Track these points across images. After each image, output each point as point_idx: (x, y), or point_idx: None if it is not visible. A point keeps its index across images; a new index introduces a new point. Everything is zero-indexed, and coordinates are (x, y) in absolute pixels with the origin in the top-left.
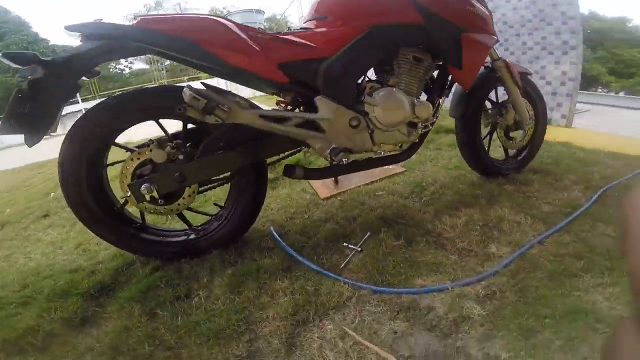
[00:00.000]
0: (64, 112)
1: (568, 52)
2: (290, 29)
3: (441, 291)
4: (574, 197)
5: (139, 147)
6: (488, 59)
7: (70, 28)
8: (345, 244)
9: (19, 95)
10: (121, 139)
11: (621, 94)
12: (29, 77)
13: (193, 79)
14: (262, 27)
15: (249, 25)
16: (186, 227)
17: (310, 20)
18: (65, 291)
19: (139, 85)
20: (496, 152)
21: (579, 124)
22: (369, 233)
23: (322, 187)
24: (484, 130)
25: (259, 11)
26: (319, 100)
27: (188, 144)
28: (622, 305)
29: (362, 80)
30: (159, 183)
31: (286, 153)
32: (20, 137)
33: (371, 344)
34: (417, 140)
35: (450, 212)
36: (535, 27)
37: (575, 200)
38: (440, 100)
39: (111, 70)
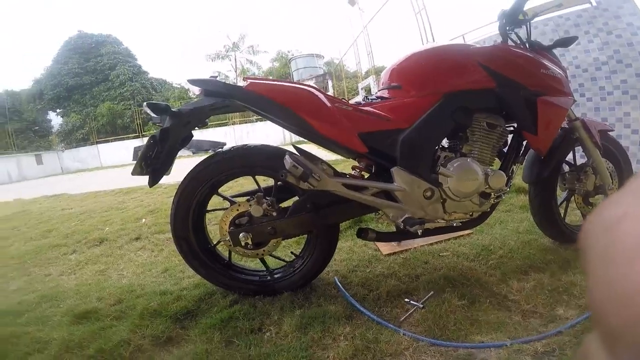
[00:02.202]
0: None
1: None
2: (368, 98)
3: (499, 347)
4: None
5: (237, 197)
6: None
7: (193, 82)
8: (407, 299)
9: (151, 141)
10: None
11: None
12: (161, 126)
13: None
14: (323, 70)
15: (311, 68)
16: (265, 269)
17: (384, 89)
18: (156, 311)
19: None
20: (573, 214)
21: None
22: (432, 292)
23: (385, 244)
24: (561, 194)
25: (319, 56)
26: (396, 171)
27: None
28: None
29: (436, 148)
30: (254, 233)
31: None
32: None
33: None
34: (488, 209)
35: (518, 276)
36: (612, 70)
37: None
38: (515, 167)
39: None
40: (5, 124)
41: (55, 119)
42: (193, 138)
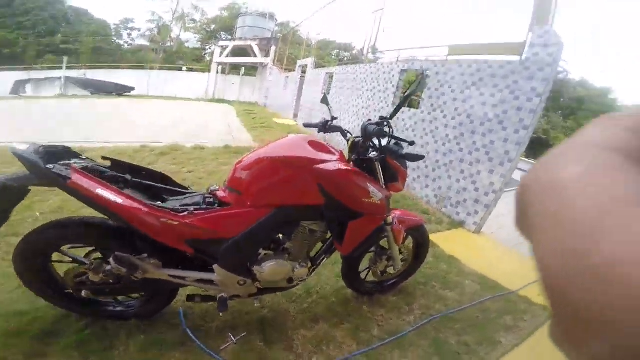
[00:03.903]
0: (44, 77)
1: (504, 164)
2: (213, 189)
3: None
4: (405, 323)
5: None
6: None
7: (17, 156)
8: (230, 334)
9: None
10: None
11: None
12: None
13: (190, 69)
14: (271, 34)
15: (258, 29)
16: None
17: (227, 188)
18: (18, 331)
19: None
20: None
21: (499, 210)
22: (245, 333)
23: None
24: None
25: (271, 17)
26: (216, 268)
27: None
28: None
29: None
30: (94, 291)
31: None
32: None
33: None
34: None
35: (310, 324)
36: (490, 129)
37: (402, 327)
38: (325, 258)
39: (112, 43)
40: None
41: None
42: (95, 79)
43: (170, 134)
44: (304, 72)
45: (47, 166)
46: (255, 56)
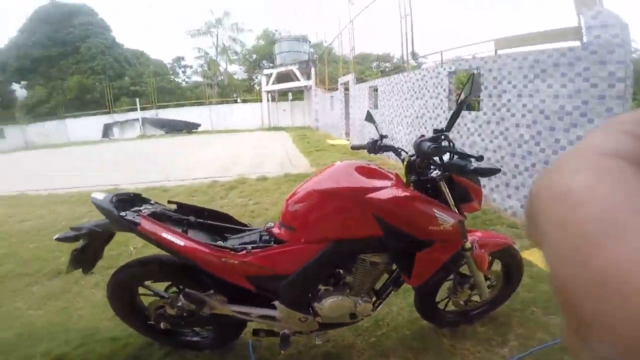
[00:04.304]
0: (124, 119)
1: None
2: (268, 226)
3: None
4: (498, 357)
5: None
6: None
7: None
8: None
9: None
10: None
11: None
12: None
13: (244, 100)
14: (307, 56)
15: (294, 53)
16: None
17: (281, 224)
18: (110, 355)
19: (195, 100)
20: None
21: None
22: None
23: None
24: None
25: (304, 40)
26: (277, 304)
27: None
28: None
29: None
30: (170, 323)
31: None
32: None
33: None
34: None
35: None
36: (573, 123)
37: None
38: (391, 291)
39: (172, 82)
40: None
41: (20, 92)
42: (166, 118)
43: (236, 167)
44: (346, 89)
45: (121, 214)
46: (298, 80)
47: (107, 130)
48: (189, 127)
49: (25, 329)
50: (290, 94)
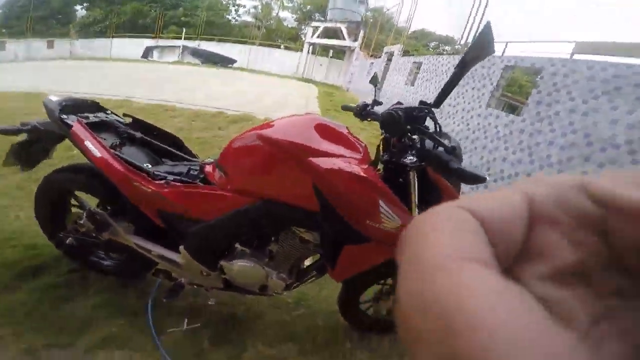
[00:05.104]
0: (167, 45)
1: None
2: (207, 161)
3: None
4: None
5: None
6: None
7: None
8: (185, 319)
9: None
10: None
11: None
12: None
13: (287, 47)
14: (360, 17)
15: (348, 12)
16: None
17: (217, 164)
18: (13, 262)
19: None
20: None
21: None
22: (198, 324)
23: None
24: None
25: (362, 1)
26: (181, 250)
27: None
28: None
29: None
30: (77, 242)
31: None
32: None
33: None
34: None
35: (273, 342)
36: (613, 159)
37: None
38: (313, 279)
39: (222, 18)
40: (28, 12)
41: (80, 12)
42: (206, 49)
43: (250, 106)
44: (389, 59)
45: (62, 116)
46: (344, 39)
47: (147, 52)
48: (225, 62)
49: None
50: (331, 50)
